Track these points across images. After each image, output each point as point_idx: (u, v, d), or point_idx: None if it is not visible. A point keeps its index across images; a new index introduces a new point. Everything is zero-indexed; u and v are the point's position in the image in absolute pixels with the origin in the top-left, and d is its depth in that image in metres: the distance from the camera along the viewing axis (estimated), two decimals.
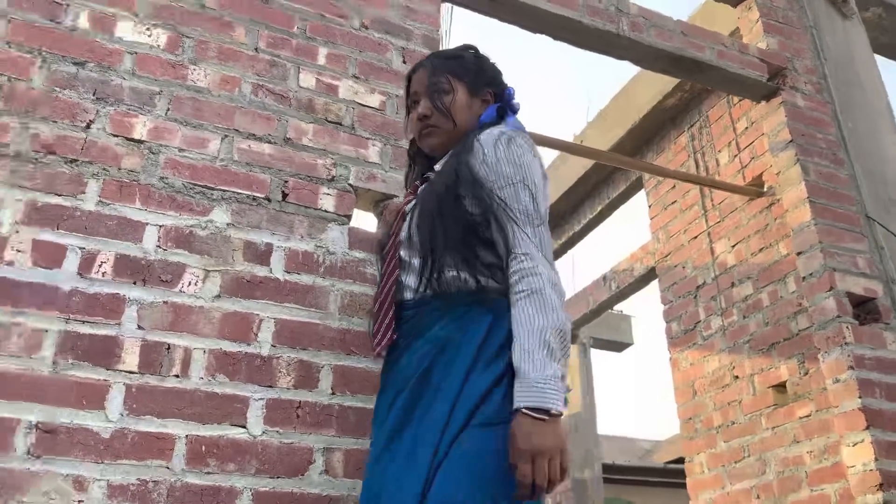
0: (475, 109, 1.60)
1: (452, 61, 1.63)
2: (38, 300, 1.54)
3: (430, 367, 1.35)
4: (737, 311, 3.86)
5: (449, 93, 1.57)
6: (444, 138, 1.58)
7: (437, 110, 1.56)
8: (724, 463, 3.74)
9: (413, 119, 1.62)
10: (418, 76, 1.63)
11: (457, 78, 1.59)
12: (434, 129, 1.58)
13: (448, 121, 1.56)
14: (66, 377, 1.50)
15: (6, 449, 1.41)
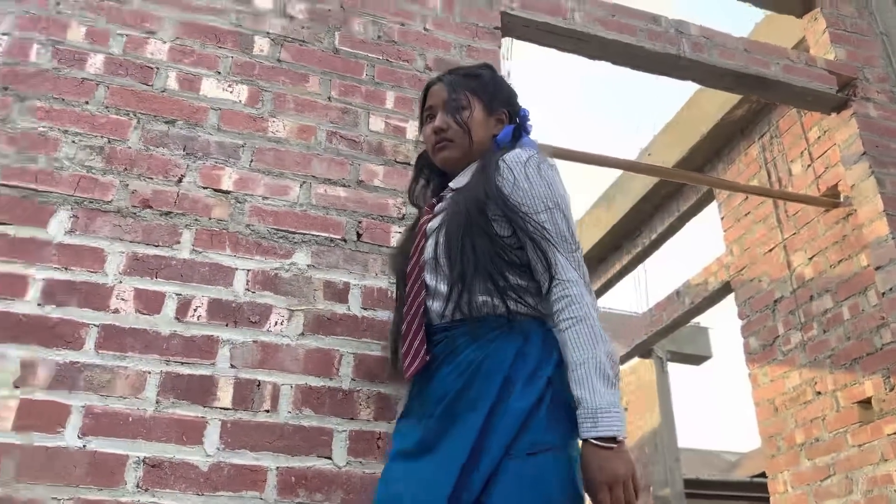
0: (490, 128, 1.62)
1: (470, 79, 1.65)
2: (140, 344, 1.70)
3: (464, 387, 1.35)
4: (817, 325, 3.77)
5: (466, 108, 1.60)
6: (459, 153, 1.60)
7: (455, 124, 1.58)
8: (809, 482, 3.64)
9: (428, 132, 1.64)
10: (435, 90, 1.65)
11: (474, 95, 1.62)
12: (449, 142, 1.60)
13: (464, 136, 1.59)
14: (167, 415, 1.64)
15: (118, 483, 1.56)
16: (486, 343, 1.38)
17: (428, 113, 1.66)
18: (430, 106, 1.65)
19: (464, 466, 1.26)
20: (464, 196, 1.49)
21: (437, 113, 1.62)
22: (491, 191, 1.45)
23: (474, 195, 1.46)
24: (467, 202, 1.46)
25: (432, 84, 1.68)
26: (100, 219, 1.80)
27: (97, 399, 1.61)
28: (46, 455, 1.54)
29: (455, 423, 1.33)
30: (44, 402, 1.58)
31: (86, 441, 1.57)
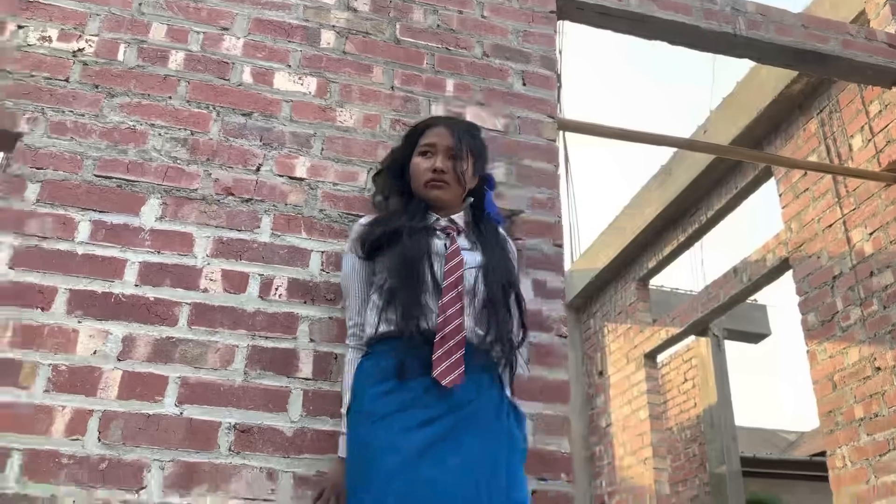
0: (471, 184, 1.85)
1: (471, 138, 1.86)
2: (229, 320, 1.84)
3: (481, 401, 1.59)
4: (877, 300, 3.74)
5: (465, 162, 1.81)
6: (450, 196, 1.81)
7: (455, 173, 1.79)
8: (868, 456, 3.64)
9: (424, 166, 1.80)
10: (441, 133, 1.82)
11: (470, 153, 1.83)
12: (446, 185, 1.79)
13: (459, 186, 1.81)
14: (255, 385, 1.79)
15: (213, 447, 1.71)
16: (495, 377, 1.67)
17: (427, 149, 1.82)
18: (433, 144, 1.81)
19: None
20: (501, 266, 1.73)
21: (439, 154, 1.80)
22: (516, 279, 1.79)
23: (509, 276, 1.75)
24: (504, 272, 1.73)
25: (436, 124, 1.86)
26: (187, 206, 1.95)
27: (191, 371, 1.77)
28: (147, 421, 1.70)
29: (483, 425, 1.56)
30: (144, 374, 1.75)
31: (182, 409, 1.73)
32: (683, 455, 8.54)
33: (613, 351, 7.33)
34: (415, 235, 1.69)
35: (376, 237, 1.72)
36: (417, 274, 1.62)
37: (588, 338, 8.02)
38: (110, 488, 1.62)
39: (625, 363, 7.05)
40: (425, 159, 1.81)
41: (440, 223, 1.78)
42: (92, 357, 1.74)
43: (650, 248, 6.59)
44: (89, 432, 1.66)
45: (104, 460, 1.64)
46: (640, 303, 6.94)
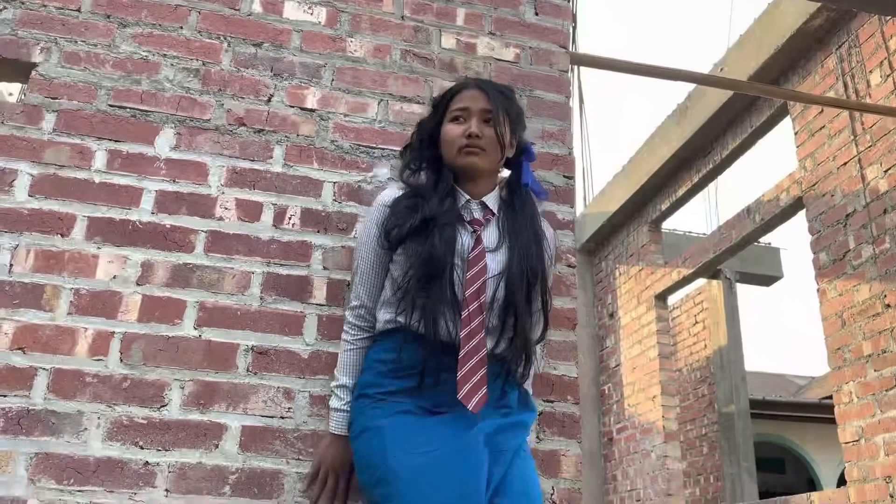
0: (510, 151, 1.74)
1: (506, 99, 1.72)
2: (244, 248, 1.89)
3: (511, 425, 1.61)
4: (889, 238, 3.73)
5: (502, 125, 1.68)
6: (487, 164, 1.68)
7: (497, 137, 1.66)
8: (875, 391, 3.69)
9: (456, 132, 1.68)
10: (473, 95, 1.70)
11: (506, 115, 1.69)
12: (482, 151, 1.67)
13: (497, 152, 1.69)
14: (271, 309, 1.84)
15: (231, 367, 1.77)
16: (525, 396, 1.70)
17: (459, 114, 1.70)
18: (465, 108, 1.69)
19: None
20: (526, 266, 1.62)
21: (472, 118, 1.68)
22: (545, 276, 1.68)
23: (534, 275, 1.63)
24: (533, 275, 1.63)
25: (467, 87, 1.73)
26: (200, 136, 1.98)
27: (209, 295, 1.82)
28: (167, 343, 1.76)
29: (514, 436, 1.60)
30: (163, 298, 1.80)
31: (201, 331, 1.79)
32: (692, 395, 8.67)
33: (624, 293, 7.39)
34: (441, 232, 1.57)
35: (402, 233, 1.61)
36: (440, 279, 1.53)
37: (599, 280, 8.07)
38: (133, 405, 1.69)
39: (636, 304, 7.11)
40: (457, 125, 1.69)
41: (470, 209, 1.68)
42: (112, 282, 1.79)
43: (664, 189, 6.56)
44: (111, 353, 1.72)
45: (126, 379, 1.71)
46: (653, 244, 6.95)
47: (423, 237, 1.57)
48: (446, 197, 1.66)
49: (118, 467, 1.64)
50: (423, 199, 1.65)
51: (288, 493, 1.69)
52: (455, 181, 1.71)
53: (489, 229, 1.67)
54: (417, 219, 1.60)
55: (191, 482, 1.66)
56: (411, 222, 1.60)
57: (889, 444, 3.57)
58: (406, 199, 1.68)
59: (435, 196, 1.64)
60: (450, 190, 1.68)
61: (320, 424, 1.77)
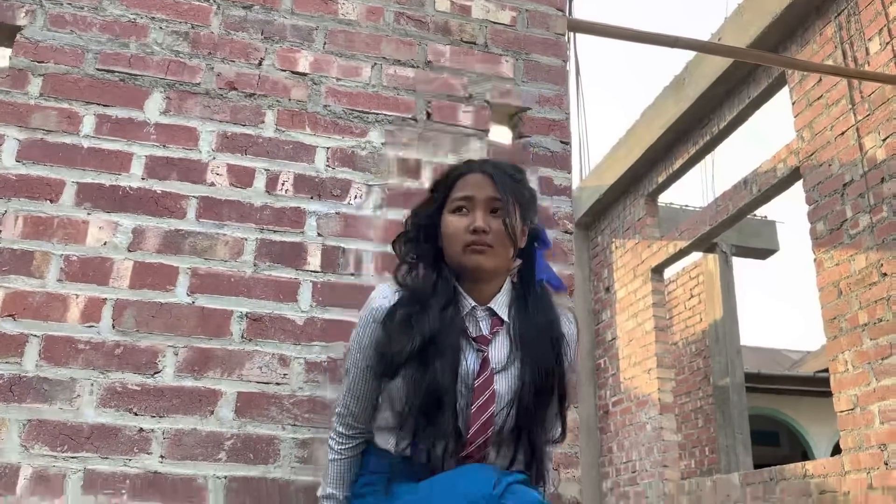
0: (521, 242, 1.48)
1: (515, 183, 1.47)
2: (236, 214, 1.86)
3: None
4: (886, 207, 3.72)
5: (513, 216, 1.42)
6: (496, 262, 1.43)
7: (507, 231, 1.41)
8: (870, 360, 3.70)
9: (460, 226, 1.43)
10: (478, 181, 1.45)
11: (516, 202, 1.44)
12: (489, 249, 1.41)
13: (507, 247, 1.43)
14: (265, 276, 1.82)
15: (225, 333, 1.75)
16: None
17: (462, 204, 1.44)
18: (469, 197, 1.44)
19: None
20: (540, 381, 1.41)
21: (478, 210, 1.42)
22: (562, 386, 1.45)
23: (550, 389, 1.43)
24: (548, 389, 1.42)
25: (471, 171, 1.47)
26: (190, 100, 1.94)
27: (201, 262, 1.80)
28: (160, 310, 1.74)
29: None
30: (154, 265, 1.78)
31: (194, 298, 1.77)
32: (688, 369, 8.71)
33: (620, 267, 7.38)
34: (443, 358, 1.36)
35: (400, 360, 1.38)
36: (442, 412, 1.34)
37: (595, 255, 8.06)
38: (126, 372, 1.68)
39: (632, 278, 7.10)
40: (460, 217, 1.43)
41: (476, 319, 1.45)
42: (102, 248, 1.76)
43: (660, 162, 6.53)
44: (103, 319, 1.70)
45: (119, 346, 1.69)
46: (649, 218, 6.93)
47: (424, 362, 1.36)
48: (448, 305, 1.42)
49: (112, 434, 1.62)
50: (420, 308, 1.41)
51: (284, 459, 1.69)
52: (458, 280, 1.46)
53: (498, 342, 1.44)
54: (416, 343, 1.37)
55: (186, 448, 1.65)
56: (410, 347, 1.37)
57: (884, 413, 3.58)
58: (402, 308, 1.43)
59: (434, 304, 1.41)
60: (452, 295, 1.44)
61: (316, 391, 1.76)
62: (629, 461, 6.72)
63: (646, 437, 6.46)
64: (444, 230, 1.45)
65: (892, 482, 3.50)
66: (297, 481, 1.68)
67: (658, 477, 6.17)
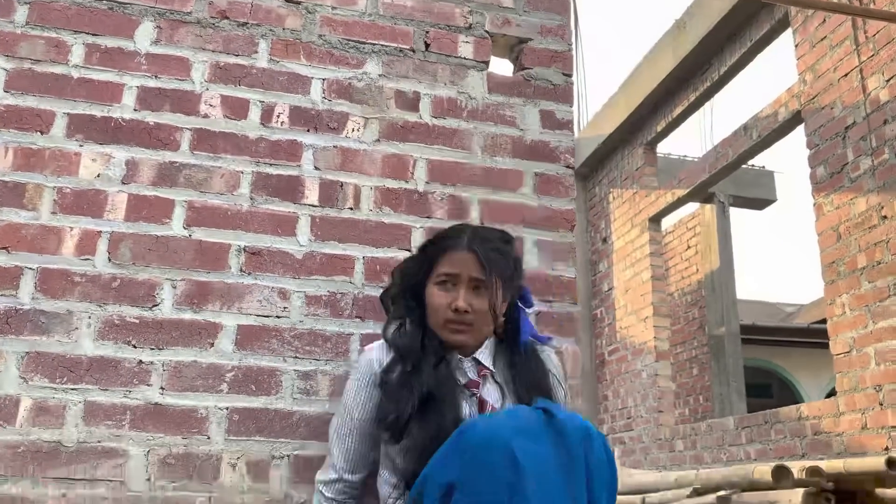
0: (501, 314, 1.55)
1: (500, 257, 1.52)
2: (231, 146, 1.82)
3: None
4: (888, 149, 3.69)
5: (495, 294, 1.49)
6: (475, 340, 1.52)
7: (484, 311, 1.48)
8: (868, 303, 3.71)
9: (443, 303, 1.49)
10: (462, 258, 1.50)
11: (499, 276, 1.50)
12: (469, 328, 1.49)
13: (488, 323, 1.51)
14: (262, 210, 1.79)
15: (223, 267, 1.73)
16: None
17: (447, 279, 1.51)
18: (453, 275, 1.50)
19: None
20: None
21: (461, 288, 1.49)
22: None
23: None
24: None
25: (457, 247, 1.52)
26: (182, 29, 1.88)
27: (197, 195, 1.77)
28: (157, 242, 1.71)
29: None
30: (150, 197, 1.74)
31: (191, 231, 1.74)
32: (683, 319, 8.76)
33: (618, 217, 7.36)
34: (445, 409, 1.41)
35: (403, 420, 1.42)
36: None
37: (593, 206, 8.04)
38: (124, 305, 1.66)
39: (629, 228, 7.09)
40: (444, 292, 1.50)
41: (463, 370, 1.52)
42: (96, 180, 1.72)
43: (660, 110, 6.46)
44: (99, 252, 1.68)
45: (116, 279, 1.67)
46: (648, 167, 6.89)
47: (426, 418, 1.40)
48: (440, 362, 1.48)
49: (111, 366, 1.61)
50: (414, 367, 1.47)
51: (286, 390, 1.68)
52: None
53: (487, 386, 1.51)
54: (416, 400, 1.42)
55: (186, 380, 1.64)
56: (411, 405, 1.42)
57: (880, 354, 3.61)
58: (395, 368, 1.49)
59: (426, 363, 1.48)
60: (442, 352, 1.50)
61: (316, 324, 1.75)
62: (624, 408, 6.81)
63: (641, 385, 6.53)
64: (429, 300, 1.53)
65: (886, 422, 3.55)
66: (299, 412, 1.67)
67: (653, 422, 6.25)
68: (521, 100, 2.06)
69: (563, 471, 1.21)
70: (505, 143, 2.01)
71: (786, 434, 4.33)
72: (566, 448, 1.23)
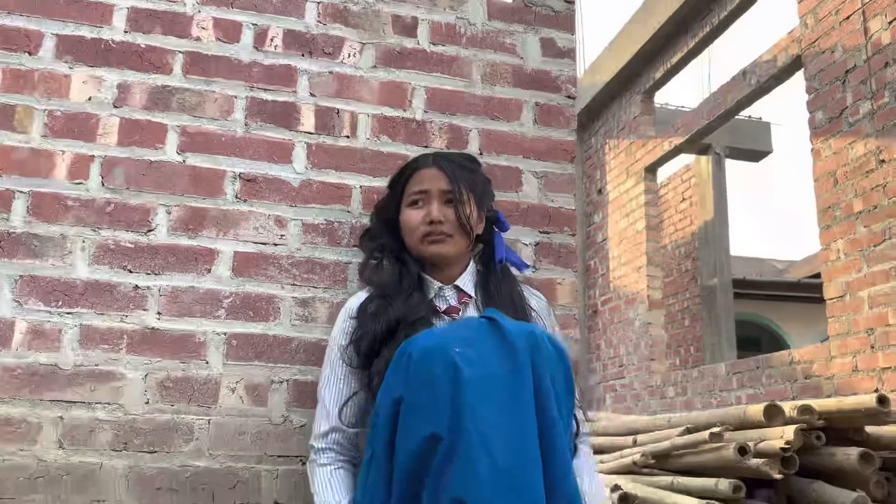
0: (479, 229, 1.57)
1: (468, 172, 1.57)
2: (225, 70, 1.78)
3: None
4: (889, 92, 3.65)
5: (466, 204, 1.52)
6: (455, 249, 1.52)
7: (457, 220, 1.50)
8: (863, 247, 3.72)
9: (416, 219, 1.52)
10: (430, 175, 1.54)
11: (470, 190, 1.53)
12: (448, 237, 1.51)
13: (464, 235, 1.52)
14: (258, 136, 1.76)
15: (219, 193, 1.71)
16: None
17: (417, 197, 1.54)
18: (424, 191, 1.53)
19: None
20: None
21: (433, 202, 1.52)
22: None
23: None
24: None
25: (423, 166, 1.56)
26: None
27: (190, 119, 1.73)
28: (151, 167, 1.68)
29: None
30: (142, 121, 1.70)
31: (185, 156, 1.71)
32: (676, 271, 8.80)
33: (613, 167, 7.33)
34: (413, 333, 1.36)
35: (369, 344, 1.42)
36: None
37: (589, 157, 7.99)
38: (119, 230, 1.63)
39: (624, 178, 7.07)
40: (417, 210, 1.53)
41: (444, 297, 1.53)
42: (87, 103, 1.68)
43: (658, 57, 6.38)
44: (92, 176, 1.65)
45: (110, 203, 1.64)
46: (645, 116, 6.83)
47: (396, 340, 1.36)
48: (414, 291, 1.50)
49: (107, 290, 1.60)
50: (388, 299, 1.47)
51: (284, 316, 1.67)
52: (423, 268, 1.55)
53: (468, 313, 1.52)
54: (385, 324, 1.42)
55: (183, 305, 1.63)
56: (381, 326, 1.42)
57: (873, 298, 3.63)
58: (371, 302, 1.49)
59: (401, 293, 1.48)
60: (417, 282, 1.52)
61: (314, 252, 1.73)
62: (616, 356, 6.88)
63: (633, 333, 6.58)
64: (404, 224, 1.55)
65: (877, 364, 3.59)
66: (298, 338, 1.67)
67: (645, 370, 6.32)
68: (522, 27, 2.01)
69: (508, 379, 1.19)
70: (505, 72, 1.97)
71: (776, 379, 4.39)
72: (512, 354, 1.21)
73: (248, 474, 1.58)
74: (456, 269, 1.56)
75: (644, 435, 3.39)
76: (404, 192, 1.57)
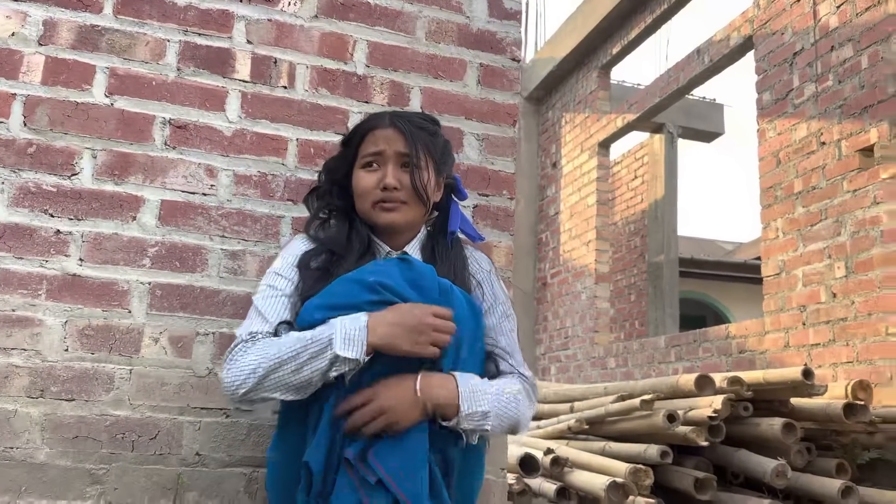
0: (435, 195, 1.48)
1: (428, 135, 1.46)
2: (157, 13, 1.71)
3: None
4: (833, 75, 3.73)
5: (424, 170, 1.41)
6: (409, 217, 1.43)
7: (415, 188, 1.40)
8: (800, 227, 3.82)
9: (370, 183, 1.42)
10: (387, 136, 1.43)
11: (429, 155, 1.43)
12: (401, 205, 1.41)
13: (420, 204, 1.42)
14: (190, 82, 1.71)
15: (147, 139, 1.66)
16: None
17: (372, 159, 1.43)
18: (379, 153, 1.42)
19: None
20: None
21: (388, 164, 1.41)
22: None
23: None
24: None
25: (380, 125, 1.45)
26: None
27: (120, 62, 1.67)
28: (76, 109, 1.62)
29: None
30: (68, 61, 1.64)
31: (113, 100, 1.65)
32: (625, 247, 8.94)
33: (568, 142, 7.36)
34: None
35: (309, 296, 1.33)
36: None
37: (545, 130, 8.01)
38: (40, 172, 1.57)
39: (579, 153, 7.11)
40: (370, 173, 1.43)
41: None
42: (10, 39, 1.61)
43: (615, 33, 6.40)
44: (14, 115, 1.58)
45: (32, 144, 1.58)
46: (601, 91, 6.86)
47: None
48: (364, 254, 1.42)
49: (27, 234, 1.54)
50: (337, 258, 1.40)
51: (212, 268, 1.64)
52: (372, 230, 1.46)
53: None
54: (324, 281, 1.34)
55: (107, 252, 1.58)
56: (318, 285, 1.33)
57: (807, 276, 3.74)
58: (315, 257, 1.40)
59: (350, 254, 1.40)
60: (367, 244, 1.44)
61: (245, 204, 1.70)
62: (562, 328, 6.98)
63: (580, 306, 6.68)
64: (355, 186, 1.44)
65: (807, 340, 3.71)
66: (226, 291, 1.64)
67: (589, 342, 6.44)
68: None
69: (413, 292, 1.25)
70: (450, 30, 1.95)
71: (713, 352, 4.51)
72: (423, 292, 1.25)
73: (170, 425, 1.55)
74: (406, 236, 1.48)
75: (581, 402, 3.46)
76: (358, 152, 1.46)
